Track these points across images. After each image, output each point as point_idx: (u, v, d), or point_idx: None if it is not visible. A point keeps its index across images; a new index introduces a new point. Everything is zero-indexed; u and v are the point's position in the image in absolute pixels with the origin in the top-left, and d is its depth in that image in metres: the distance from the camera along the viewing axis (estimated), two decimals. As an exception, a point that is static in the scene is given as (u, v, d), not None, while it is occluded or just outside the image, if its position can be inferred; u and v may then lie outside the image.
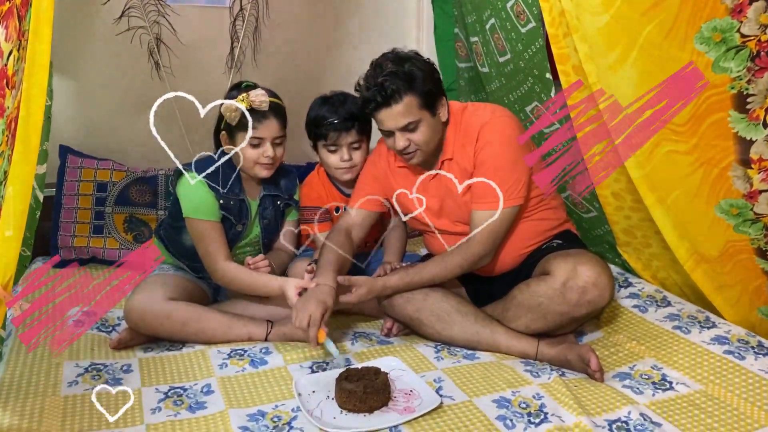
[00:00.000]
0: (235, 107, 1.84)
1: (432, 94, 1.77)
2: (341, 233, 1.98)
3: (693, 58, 1.47)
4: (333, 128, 2.01)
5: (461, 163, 1.87)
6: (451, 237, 1.95)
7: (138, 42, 2.43)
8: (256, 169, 1.94)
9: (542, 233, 1.96)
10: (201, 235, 1.90)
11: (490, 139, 1.81)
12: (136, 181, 2.44)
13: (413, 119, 1.75)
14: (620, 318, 1.96)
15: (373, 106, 1.76)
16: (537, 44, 1.92)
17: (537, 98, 2.06)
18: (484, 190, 1.81)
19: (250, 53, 2.59)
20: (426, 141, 1.80)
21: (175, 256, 2.03)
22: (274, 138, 1.91)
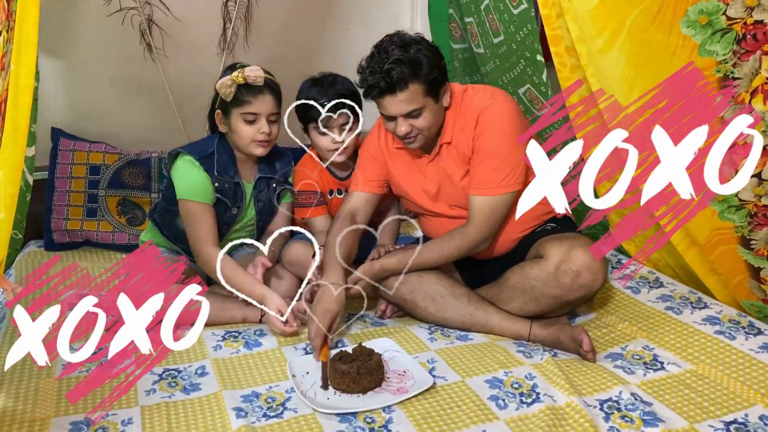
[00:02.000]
0: (230, 82, 1.83)
1: (437, 82, 1.75)
2: (345, 220, 1.94)
3: (679, 43, 1.47)
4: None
5: (459, 147, 1.86)
6: (447, 220, 1.94)
7: (129, 23, 2.41)
8: (251, 147, 1.92)
9: (538, 217, 1.95)
10: (192, 217, 1.88)
11: (489, 124, 1.80)
12: (129, 163, 2.42)
13: (417, 106, 1.73)
14: (613, 299, 1.97)
15: (376, 92, 1.73)
16: (528, 27, 1.91)
17: (529, 81, 2.05)
18: (482, 176, 1.81)
19: (243, 34, 2.57)
20: (428, 126, 1.79)
21: (169, 239, 2.02)
22: (269, 114, 1.89)
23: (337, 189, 2.18)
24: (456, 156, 1.86)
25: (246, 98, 1.87)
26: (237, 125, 1.89)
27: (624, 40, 1.52)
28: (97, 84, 2.49)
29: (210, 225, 1.89)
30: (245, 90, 1.86)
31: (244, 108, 1.87)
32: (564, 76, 1.84)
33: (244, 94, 1.87)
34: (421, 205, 1.97)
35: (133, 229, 2.40)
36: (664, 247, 2.03)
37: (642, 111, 1.57)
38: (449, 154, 1.87)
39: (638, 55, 1.52)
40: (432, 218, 2.01)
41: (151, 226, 2.07)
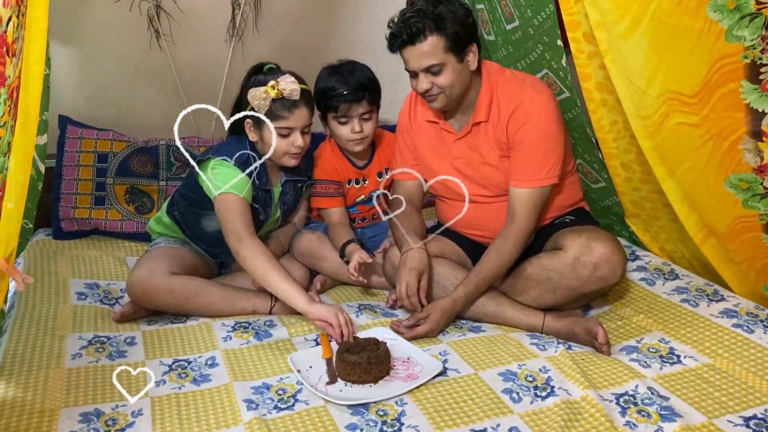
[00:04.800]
0: (264, 95, 1.76)
1: (460, 39, 1.70)
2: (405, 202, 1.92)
3: (705, 27, 1.43)
4: (343, 99, 1.95)
5: (493, 131, 1.81)
6: (469, 204, 1.86)
7: (137, 10, 2.37)
8: (284, 159, 1.87)
9: (559, 208, 1.93)
10: (232, 210, 1.78)
11: (535, 114, 1.76)
12: (137, 151, 2.39)
13: (437, 62, 1.69)
14: (628, 291, 1.94)
15: (398, 43, 1.71)
16: (547, 10, 1.87)
17: (547, 66, 2.01)
18: (527, 167, 1.78)
19: (252, 20, 2.53)
20: (450, 85, 1.73)
21: (191, 239, 1.98)
22: (303, 126, 1.84)
23: (356, 179, 2.15)
24: (492, 138, 1.82)
25: (281, 113, 1.80)
26: (270, 138, 1.75)
27: (648, 25, 1.47)
28: (105, 71, 2.46)
29: (250, 219, 1.82)
30: (280, 104, 1.79)
31: (278, 123, 1.78)
32: (581, 63, 1.80)
33: (279, 108, 1.79)
34: (447, 183, 1.89)
35: (141, 217, 2.37)
36: (679, 238, 2.00)
37: (665, 98, 1.54)
38: (483, 135, 1.83)
39: (662, 39, 1.48)
40: (453, 203, 1.95)
41: (168, 221, 2.01)
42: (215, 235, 1.91)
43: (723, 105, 1.47)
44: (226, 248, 1.85)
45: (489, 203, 1.90)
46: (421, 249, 1.79)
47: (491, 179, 1.87)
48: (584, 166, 2.18)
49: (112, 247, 2.31)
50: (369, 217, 2.24)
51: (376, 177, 2.16)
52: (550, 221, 1.93)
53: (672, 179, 1.72)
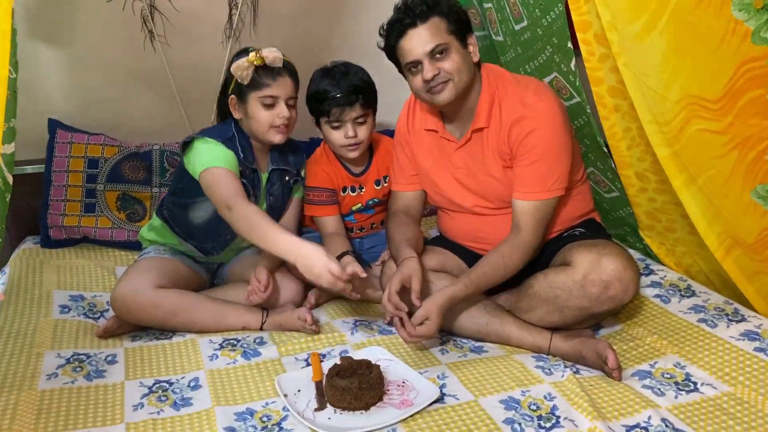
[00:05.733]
0: (247, 64, 1.73)
1: (461, 22, 1.67)
2: (398, 215, 1.88)
3: (730, 27, 1.31)
4: (335, 103, 1.86)
5: (494, 139, 1.72)
6: (472, 217, 1.83)
7: (130, 9, 2.28)
8: (269, 134, 1.81)
9: (567, 221, 1.83)
10: (217, 182, 1.72)
11: (540, 123, 1.66)
12: (129, 156, 2.31)
13: (442, 41, 1.63)
14: (641, 309, 1.82)
15: (399, 30, 1.65)
16: (557, 10, 1.76)
17: (557, 69, 1.89)
18: (532, 179, 1.69)
19: (250, 20, 2.44)
20: (457, 69, 1.65)
21: (181, 236, 1.91)
22: (288, 98, 1.80)
23: (351, 186, 2.06)
24: (494, 146, 1.73)
25: (265, 81, 1.77)
26: (255, 110, 1.78)
27: (666, 24, 1.36)
28: (97, 73, 2.38)
29: (239, 186, 1.74)
30: (263, 72, 1.76)
31: (262, 91, 1.76)
32: (592, 66, 1.69)
33: (262, 76, 1.76)
34: (448, 195, 1.84)
35: (133, 225, 2.29)
36: (697, 252, 1.88)
37: (686, 103, 1.42)
38: (484, 142, 1.74)
39: (682, 40, 1.36)
40: (454, 214, 1.88)
41: (158, 223, 1.95)
42: (204, 227, 1.85)
43: (749, 112, 1.35)
44: (218, 241, 1.83)
45: (492, 215, 1.81)
46: (412, 258, 1.68)
47: (493, 191, 1.77)
48: (596, 174, 2.06)
49: (101, 257, 2.24)
50: (367, 226, 2.14)
51: (373, 184, 2.06)
52: (559, 233, 1.83)
53: (691, 189, 1.59)
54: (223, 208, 1.70)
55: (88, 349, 1.67)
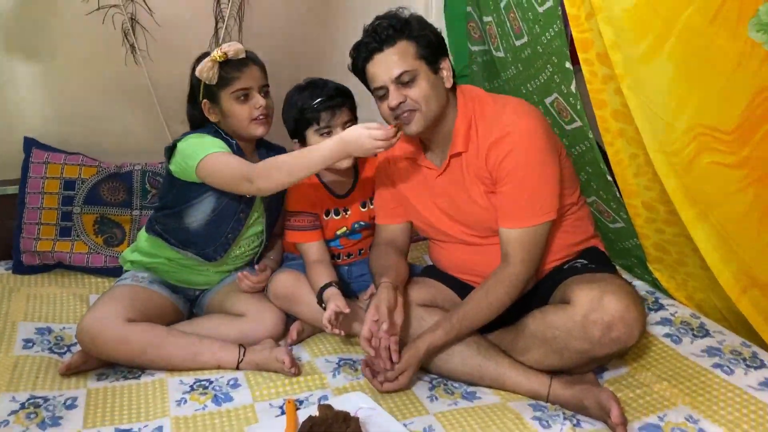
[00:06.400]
0: (211, 64, 1.70)
1: (431, 46, 1.58)
2: (379, 247, 1.81)
3: (746, 50, 1.17)
4: (324, 107, 1.75)
5: (474, 163, 1.62)
6: (463, 248, 1.72)
7: (111, 22, 2.19)
8: (251, 128, 1.76)
9: (566, 248, 1.70)
10: (222, 163, 1.67)
11: (516, 144, 1.55)
12: (109, 177, 2.20)
13: (409, 68, 1.55)
14: (649, 349, 1.68)
15: (364, 55, 1.59)
16: (555, 27, 1.62)
17: (557, 89, 1.76)
18: (514, 206, 1.57)
19: (236, 34, 2.33)
20: (425, 98, 1.56)
21: (179, 247, 1.81)
22: (260, 86, 1.76)
23: (335, 209, 1.93)
24: (473, 171, 1.63)
25: (232, 75, 1.72)
26: (230, 107, 1.74)
27: (674, 46, 1.22)
28: (76, 89, 2.27)
29: (245, 161, 1.68)
30: (228, 67, 1.72)
31: (233, 86, 1.72)
32: (595, 88, 1.55)
33: (228, 71, 1.72)
34: (434, 224, 1.75)
35: (110, 250, 2.17)
36: (710, 287, 1.73)
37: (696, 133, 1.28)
38: (464, 168, 1.64)
39: (692, 64, 1.22)
40: (444, 245, 1.77)
41: (147, 242, 1.84)
42: (203, 231, 1.77)
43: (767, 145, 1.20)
44: (219, 244, 1.79)
45: (481, 245, 1.69)
46: (383, 285, 1.59)
47: (478, 219, 1.66)
48: (599, 204, 1.92)
49: (75, 284, 2.12)
50: (355, 252, 2.01)
51: (359, 206, 1.94)
52: (559, 264, 1.70)
53: (703, 224, 1.45)
54: (242, 184, 1.64)
55: (48, 390, 1.55)
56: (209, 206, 1.76)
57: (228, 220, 1.79)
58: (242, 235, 1.84)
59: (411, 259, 2.12)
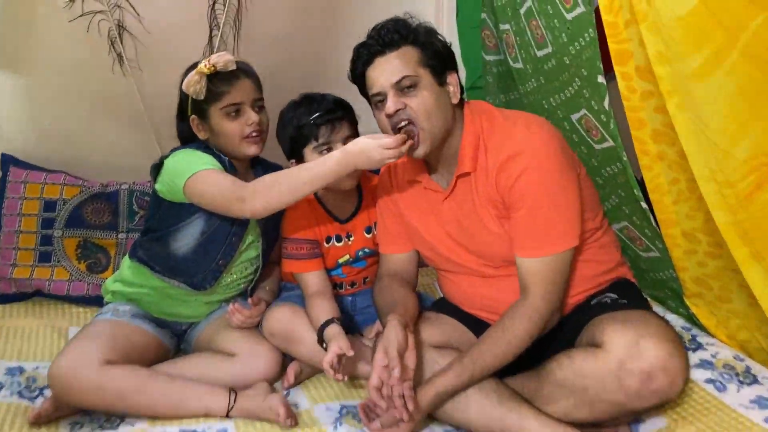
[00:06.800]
0: (198, 77, 1.58)
1: (438, 56, 1.47)
2: (382, 280, 1.66)
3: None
4: (323, 121, 1.62)
5: (483, 185, 1.47)
6: (477, 280, 1.57)
7: (96, 30, 2.03)
8: (243, 147, 1.64)
9: (590, 279, 1.54)
10: (211, 181, 1.55)
11: (528, 165, 1.41)
12: (93, 197, 2.07)
13: (410, 73, 1.43)
14: (690, 398, 1.49)
15: (365, 57, 1.47)
16: (587, 36, 1.45)
17: (586, 105, 1.58)
18: (530, 233, 1.43)
19: (233, 42, 2.17)
20: (427, 111, 1.43)
21: (165, 275, 1.67)
22: (253, 101, 1.64)
23: (336, 235, 1.77)
24: (483, 194, 1.48)
25: (222, 89, 1.61)
26: (220, 124, 1.62)
27: (737, 60, 1.05)
28: (58, 102, 2.12)
29: (236, 179, 1.57)
30: (218, 81, 1.60)
31: (222, 101, 1.60)
32: (632, 105, 1.37)
33: (217, 85, 1.60)
34: (442, 253, 1.60)
35: (94, 277, 2.03)
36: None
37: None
38: (473, 190, 1.50)
39: (759, 82, 1.05)
40: (455, 276, 1.62)
41: (130, 270, 1.71)
42: (191, 257, 1.65)
43: None
44: (209, 270, 1.66)
45: (498, 276, 1.54)
46: (390, 324, 1.43)
47: (491, 248, 1.51)
48: (631, 230, 1.74)
49: (54, 315, 1.96)
50: (359, 281, 1.85)
51: (363, 232, 1.79)
52: (585, 298, 1.54)
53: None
54: (233, 204, 1.52)
55: (12, 445, 1.37)
56: (198, 229, 1.64)
57: (218, 244, 1.65)
58: (235, 261, 1.70)
59: (421, 286, 1.96)
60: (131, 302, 1.71)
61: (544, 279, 1.43)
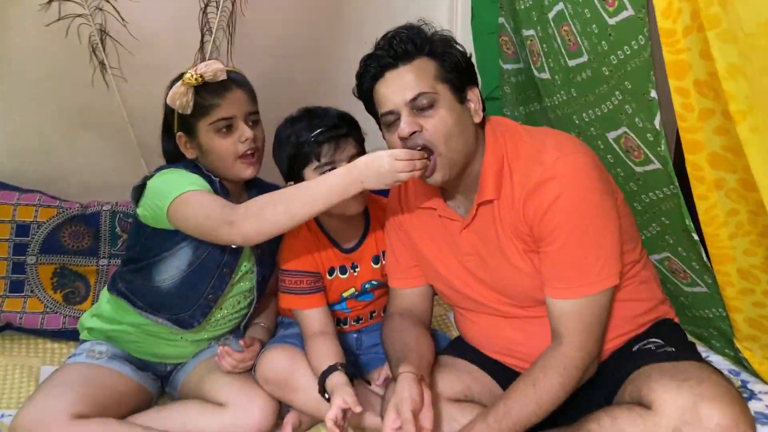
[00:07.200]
0: (184, 89, 1.43)
1: (459, 70, 1.32)
2: (392, 319, 1.50)
3: None
4: (325, 139, 1.44)
5: (508, 214, 1.31)
6: (499, 321, 1.41)
7: (76, 35, 1.90)
8: (236, 168, 1.47)
9: (630, 320, 1.37)
10: (196, 204, 1.39)
11: (562, 191, 1.25)
12: (71, 220, 1.91)
13: (427, 90, 1.28)
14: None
15: (375, 70, 1.31)
16: (636, 43, 1.26)
17: (628, 122, 1.40)
18: (562, 270, 1.28)
19: (226, 48, 2.03)
20: (446, 134, 1.27)
21: (148, 311, 1.51)
22: (246, 114, 1.48)
23: (340, 266, 1.60)
24: (508, 224, 1.32)
25: (211, 102, 1.44)
26: (210, 142, 1.46)
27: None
28: (34, 115, 1.99)
29: (224, 201, 1.41)
30: (206, 93, 1.44)
31: (212, 115, 1.44)
32: (689, 125, 1.18)
33: (206, 97, 1.44)
34: (459, 289, 1.44)
35: (71, 309, 1.87)
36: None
37: None
38: (497, 219, 1.33)
39: None
40: (475, 316, 1.46)
41: (109, 305, 1.56)
42: (176, 291, 1.50)
43: None
44: (197, 307, 1.51)
45: (523, 318, 1.38)
46: (408, 377, 1.28)
47: (516, 286, 1.36)
48: (674, 262, 1.56)
49: (26, 351, 1.80)
50: (365, 316, 1.67)
51: (370, 262, 1.61)
52: (624, 342, 1.36)
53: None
54: (220, 229, 1.35)
55: None
56: (185, 260, 1.48)
57: (208, 277, 1.49)
58: (226, 295, 1.53)
59: (433, 320, 1.77)
60: (110, 341, 1.56)
61: (580, 324, 1.27)
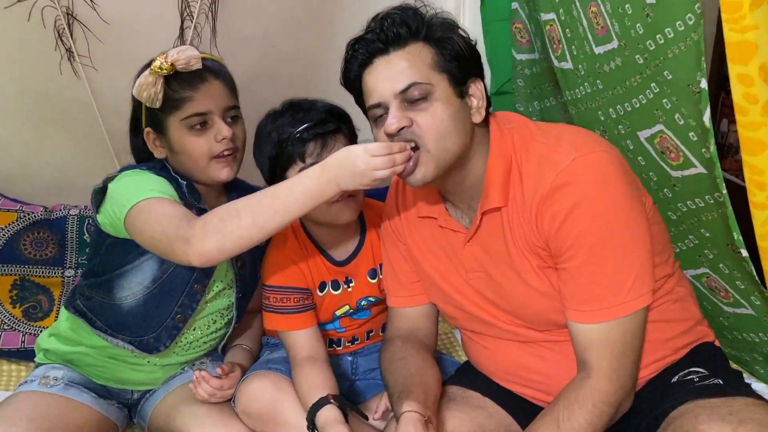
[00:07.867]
0: (152, 79, 1.29)
1: (460, 58, 1.18)
2: (393, 343, 1.34)
3: None
4: (311, 136, 1.31)
5: (518, 224, 1.16)
6: (511, 345, 1.26)
7: (40, 20, 1.75)
8: (212, 169, 1.34)
9: (664, 344, 1.21)
10: (156, 211, 1.25)
11: (583, 196, 1.10)
12: (34, 225, 1.79)
13: (420, 80, 1.14)
14: None
15: (363, 56, 1.18)
16: (683, 23, 1.08)
17: (665, 119, 1.22)
18: (586, 290, 1.13)
19: (209, 35, 1.89)
20: (438, 132, 1.14)
21: (108, 332, 1.37)
22: (224, 109, 1.34)
23: (332, 281, 1.45)
24: (519, 235, 1.17)
25: (183, 94, 1.31)
26: (181, 140, 1.32)
27: None
28: (-7, 109, 1.86)
29: (185, 211, 1.25)
30: (177, 84, 1.31)
31: (183, 110, 1.31)
32: (748, 121, 0.99)
33: (178, 88, 1.31)
34: (466, 309, 1.30)
35: (32, 326, 1.76)
36: None
37: None
38: (506, 230, 1.18)
39: None
40: (485, 340, 1.31)
41: (67, 323, 1.43)
42: (140, 310, 1.37)
43: None
44: (164, 328, 1.37)
45: (541, 343, 1.23)
46: (411, 417, 1.13)
47: (531, 308, 1.21)
48: (713, 279, 1.39)
49: (-21, 374, 1.63)
50: (361, 336, 1.53)
51: (366, 276, 1.47)
52: (659, 370, 1.21)
53: None
54: (176, 246, 1.19)
55: None
56: (149, 274, 1.34)
57: (175, 294, 1.35)
58: (197, 315, 1.38)
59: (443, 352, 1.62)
60: (68, 364, 1.41)
61: (610, 352, 1.11)
